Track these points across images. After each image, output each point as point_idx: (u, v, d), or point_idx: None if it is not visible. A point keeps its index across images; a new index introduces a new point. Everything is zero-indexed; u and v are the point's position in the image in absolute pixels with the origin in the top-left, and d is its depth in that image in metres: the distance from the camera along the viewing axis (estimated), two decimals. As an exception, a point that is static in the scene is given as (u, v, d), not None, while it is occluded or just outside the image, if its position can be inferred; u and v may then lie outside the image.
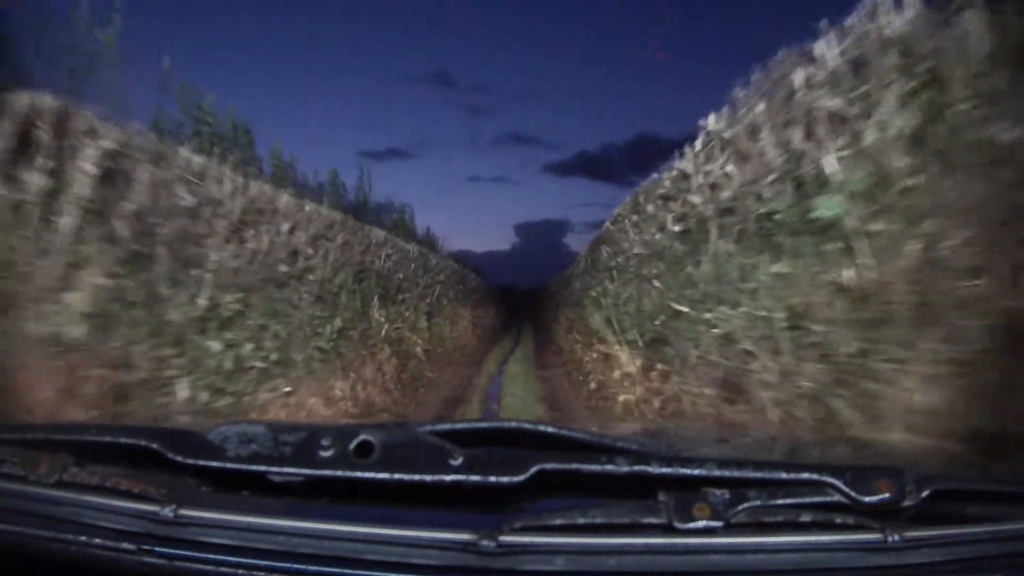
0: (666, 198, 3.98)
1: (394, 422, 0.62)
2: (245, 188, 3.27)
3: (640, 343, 4.22)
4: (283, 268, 3.66)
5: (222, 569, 0.50)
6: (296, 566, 0.49)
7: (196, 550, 0.51)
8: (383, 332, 5.65)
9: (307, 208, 4.30)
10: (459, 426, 0.62)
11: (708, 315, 2.90)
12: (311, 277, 4.11)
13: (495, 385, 6.69)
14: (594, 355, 5.87)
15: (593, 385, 5.46)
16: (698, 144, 3.27)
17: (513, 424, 0.63)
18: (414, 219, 9.63)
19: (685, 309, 3.23)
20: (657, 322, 3.80)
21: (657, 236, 4.18)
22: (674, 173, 3.83)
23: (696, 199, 3.26)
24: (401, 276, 6.94)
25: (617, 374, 4.65)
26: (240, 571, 0.49)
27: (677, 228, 3.67)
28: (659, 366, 3.69)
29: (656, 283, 3.99)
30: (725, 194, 2.83)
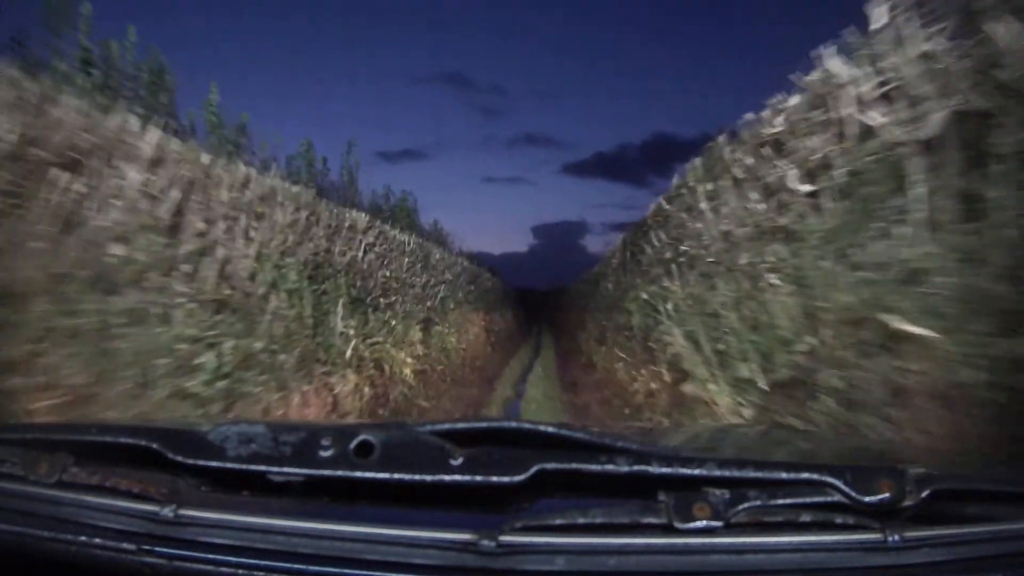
0: (779, 144, 2.60)
1: (394, 422, 0.62)
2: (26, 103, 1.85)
3: (760, 382, 2.42)
4: (119, 251, 2.12)
5: (222, 569, 0.50)
6: (296, 566, 0.49)
7: (196, 550, 0.51)
8: (349, 351, 3.97)
9: (204, 160, 2.83)
10: (459, 426, 0.62)
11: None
12: (186, 267, 2.54)
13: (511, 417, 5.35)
14: (653, 385, 3.95)
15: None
16: (880, 17, 1.88)
17: (513, 424, 0.63)
18: (417, 208, 8.40)
19: (920, 331, 1.56)
20: (801, 348, 2.14)
21: (760, 206, 2.75)
22: (794, 100, 2.44)
23: (872, 117, 1.88)
24: (388, 273, 5.45)
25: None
26: (240, 571, 0.49)
27: (808, 187, 2.27)
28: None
29: (775, 279, 2.47)
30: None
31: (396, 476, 0.54)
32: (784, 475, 0.51)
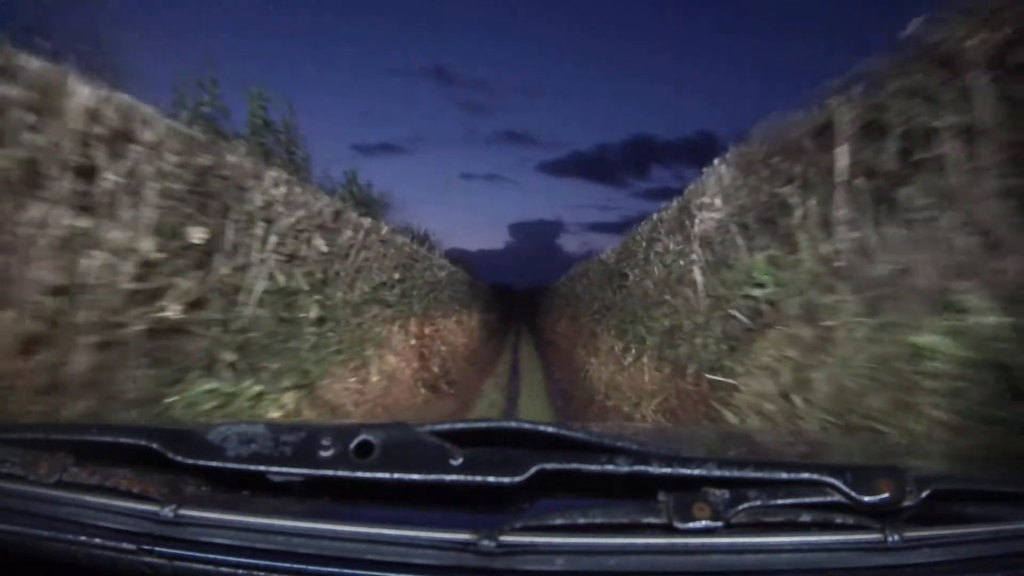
0: None
1: (394, 422, 0.62)
2: None
3: None
4: None
5: (222, 569, 0.50)
6: (296, 566, 0.49)
7: (196, 550, 0.51)
8: None
9: None
10: (459, 426, 0.62)
11: None
12: None
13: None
14: None
15: None
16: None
17: (513, 424, 0.63)
18: (297, 133, 4.70)
19: None
20: None
21: None
22: None
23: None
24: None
25: None
26: (240, 571, 0.49)
27: None
28: None
29: None
30: None
31: (396, 476, 0.54)
32: (784, 475, 0.51)
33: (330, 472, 0.56)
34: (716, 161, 3.08)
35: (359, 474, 0.55)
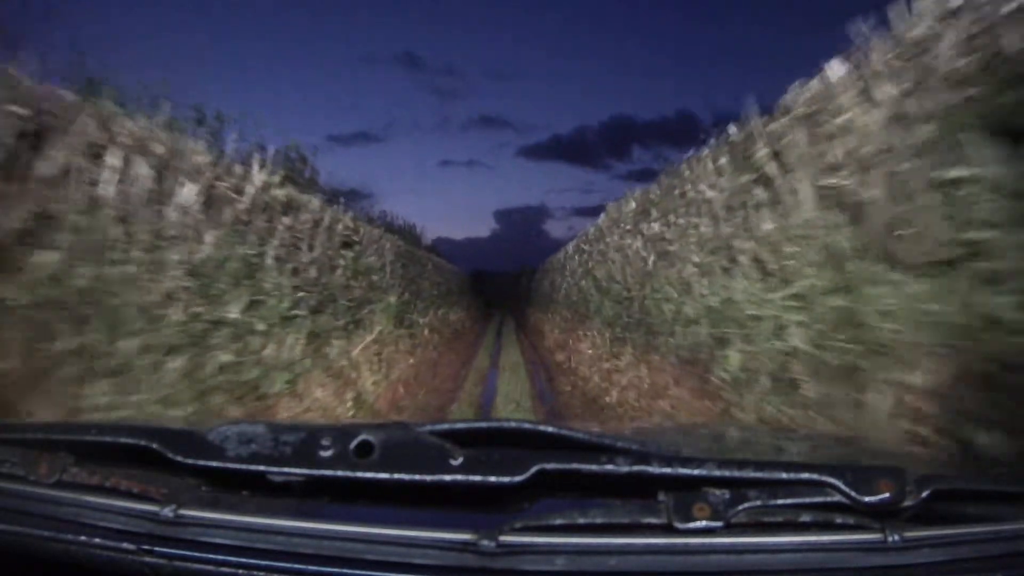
0: None
1: (394, 422, 0.62)
2: None
3: None
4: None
5: (222, 569, 0.50)
6: (296, 566, 0.49)
7: (196, 550, 0.51)
8: None
9: None
10: (459, 426, 0.62)
11: None
12: None
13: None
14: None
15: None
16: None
17: (513, 424, 0.63)
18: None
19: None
20: None
21: None
22: None
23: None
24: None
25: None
26: (240, 571, 0.49)
27: None
28: None
29: None
30: None
31: (396, 476, 0.54)
32: (784, 475, 0.51)
33: (330, 472, 0.56)
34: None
35: (359, 474, 0.55)
